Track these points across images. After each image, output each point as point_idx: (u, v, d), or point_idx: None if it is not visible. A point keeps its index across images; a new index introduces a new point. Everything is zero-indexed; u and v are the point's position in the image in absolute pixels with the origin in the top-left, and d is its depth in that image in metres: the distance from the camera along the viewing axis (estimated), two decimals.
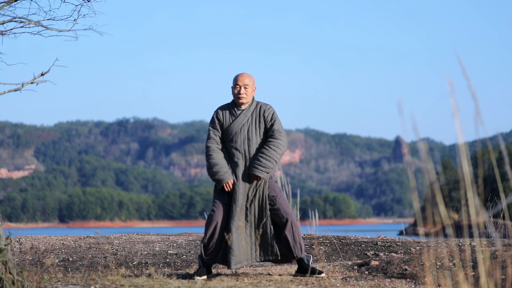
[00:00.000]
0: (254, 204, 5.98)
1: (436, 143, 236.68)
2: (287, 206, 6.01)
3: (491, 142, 5.06)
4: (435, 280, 5.55)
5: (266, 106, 6.11)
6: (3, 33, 5.48)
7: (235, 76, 6.17)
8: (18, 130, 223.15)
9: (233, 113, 6.11)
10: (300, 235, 6.02)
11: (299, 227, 6.05)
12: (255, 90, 6.18)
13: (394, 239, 9.08)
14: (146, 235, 10.05)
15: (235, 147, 6.02)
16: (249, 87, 6.10)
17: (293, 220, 5.97)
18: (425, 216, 3.61)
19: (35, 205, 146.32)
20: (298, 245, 5.97)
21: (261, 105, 6.13)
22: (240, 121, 6.06)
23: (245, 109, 6.11)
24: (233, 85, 6.14)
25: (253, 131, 6.04)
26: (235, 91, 6.12)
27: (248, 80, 6.10)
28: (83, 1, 5.74)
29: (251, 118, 6.07)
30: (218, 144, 6.09)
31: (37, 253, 8.41)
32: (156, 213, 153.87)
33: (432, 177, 3.19)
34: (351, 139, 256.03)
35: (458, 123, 3.20)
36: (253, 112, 6.09)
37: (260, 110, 6.09)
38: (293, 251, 5.96)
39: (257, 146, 6.03)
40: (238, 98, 6.10)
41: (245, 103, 6.11)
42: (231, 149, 6.05)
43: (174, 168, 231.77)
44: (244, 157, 6.01)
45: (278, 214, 5.97)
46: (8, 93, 5.45)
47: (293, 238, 5.96)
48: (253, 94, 6.16)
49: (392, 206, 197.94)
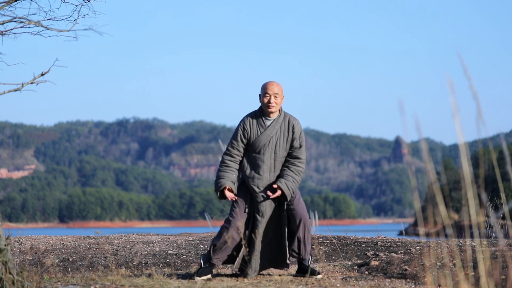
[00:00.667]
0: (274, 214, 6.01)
1: (436, 143, 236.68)
2: (303, 208, 6.01)
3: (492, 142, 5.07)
4: (435, 280, 5.54)
5: (295, 121, 6.08)
6: (3, 33, 5.48)
7: (264, 84, 6.08)
8: (18, 130, 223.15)
9: (261, 124, 6.05)
10: (310, 238, 6.03)
11: (310, 230, 6.06)
12: (283, 98, 6.11)
13: (394, 239, 9.08)
14: (146, 235, 10.04)
15: (262, 159, 5.99)
16: (279, 96, 6.03)
17: (306, 222, 5.97)
18: (426, 216, 3.60)
19: (35, 205, 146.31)
20: (306, 247, 5.99)
21: (289, 118, 6.08)
22: (269, 133, 6.01)
23: (273, 120, 6.06)
24: (262, 93, 6.05)
25: (280, 144, 6.02)
26: (265, 100, 6.03)
27: (277, 89, 6.03)
28: (83, 1, 5.74)
29: (279, 131, 6.03)
30: (233, 157, 6.05)
31: (37, 253, 8.41)
32: (156, 213, 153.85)
33: (432, 177, 3.19)
34: (351, 139, 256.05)
35: (458, 123, 3.20)
36: (282, 124, 6.05)
37: (289, 124, 6.06)
38: (300, 252, 5.98)
39: (281, 160, 6.02)
40: (268, 107, 6.02)
41: (274, 112, 6.04)
42: (257, 160, 6.01)
43: (174, 168, 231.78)
44: (269, 170, 5.98)
45: (294, 215, 5.97)
46: (8, 93, 5.45)
47: (303, 239, 5.97)
48: (282, 103, 6.10)
49: (392, 206, 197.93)
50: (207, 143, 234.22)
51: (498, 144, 65.45)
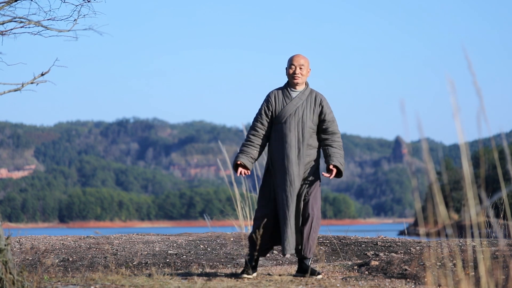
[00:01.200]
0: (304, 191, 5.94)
1: (436, 143, 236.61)
2: (317, 204, 5.94)
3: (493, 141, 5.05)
4: (435, 280, 5.54)
5: (322, 96, 6.09)
6: (3, 33, 5.48)
7: (290, 57, 6.12)
8: (18, 130, 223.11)
9: (287, 95, 6.05)
10: (316, 237, 5.96)
11: (318, 228, 5.97)
12: (310, 72, 6.13)
13: (394, 239, 9.07)
14: (146, 235, 10.04)
15: (288, 128, 5.95)
16: (304, 67, 6.05)
17: (314, 219, 5.90)
18: (426, 216, 3.60)
19: (35, 205, 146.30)
20: (309, 245, 5.91)
21: (316, 93, 6.09)
22: (295, 103, 6.00)
23: (300, 92, 6.06)
24: (288, 65, 6.08)
25: (307, 115, 5.98)
26: (290, 71, 6.06)
27: (303, 61, 6.07)
28: (83, 1, 5.74)
29: (306, 102, 6.02)
30: (258, 132, 6.04)
31: (37, 253, 8.41)
32: (156, 213, 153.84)
33: (432, 177, 3.19)
34: (351, 139, 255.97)
35: (458, 123, 3.19)
36: (308, 97, 6.05)
37: (316, 98, 6.05)
38: (303, 248, 5.91)
39: (309, 131, 5.96)
40: (293, 78, 6.04)
41: (300, 83, 6.06)
42: (284, 130, 5.96)
43: (174, 168, 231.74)
44: (297, 139, 5.94)
45: (305, 208, 5.93)
46: (8, 93, 5.45)
47: (308, 236, 5.90)
48: (308, 76, 6.12)
49: (392, 206, 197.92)
50: (207, 143, 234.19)
51: (498, 144, 65.34)
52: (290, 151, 5.92)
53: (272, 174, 6.01)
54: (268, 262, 7.75)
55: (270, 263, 7.71)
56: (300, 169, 5.91)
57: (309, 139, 5.97)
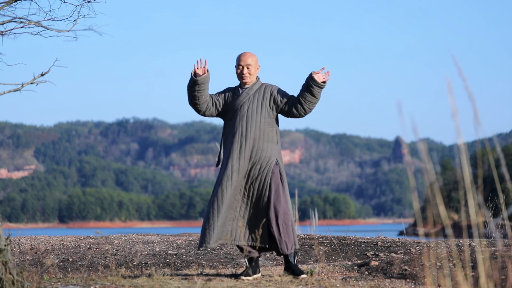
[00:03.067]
0: (254, 187, 5.91)
1: (435, 143, 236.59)
2: (278, 198, 5.87)
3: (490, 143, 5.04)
4: (435, 281, 5.55)
5: (272, 86, 6.08)
6: (3, 33, 5.49)
7: (238, 55, 6.13)
8: (18, 130, 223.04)
9: (236, 93, 6.08)
10: (290, 231, 5.88)
11: (289, 222, 5.89)
12: (259, 68, 6.14)
13: (394, 239, 9.08)
14: (146, 236, 10.05)
15: (233, 124, 5.98)
16: (252, 66, 6.06)
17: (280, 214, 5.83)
18: (425, 216, 3.61)
19: (35, 206, 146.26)
20: (284, 241, 5.85)
21: (266, 85, 6.09)
22: (242, 99, 6.01)
23: (248, 87, 6.08)
24: (236, 65, 6.11)
25: (254, 109, 5.97)
26: (238, 71, 6.09)
27: (250, 60, 6.07)
28: (83, 1, 5.74)
29: (253, 96, 6.02)
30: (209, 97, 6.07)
31: (37, 254, 8.41)
32: (156, 213, 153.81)
33: (432, 178, 3.20)
34: (351, 139, 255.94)
35: (457, 124, 3.20)
36: (256, 91, 6.05)
37: (265, 90, 6.05)
38: (280, 246, 5.86)
39: (257, 125, 5.95)
40: (242, 78, 6.08)
41: (248, 82, 6.08)
42: (230, 127, 6.01)
43: (174, 168, 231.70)
44: (240, 134, 5.93)
45: (268, 205, 5.87)
46: (8, 93, 5.45)
47: (279, 232, 5.84)
48: (257, 73, 6.13)
49: (392, 206, 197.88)
50: (207, 143, 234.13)
51: (494, 146, 65.39)
52: (232, 146, 5.94)
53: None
54: (268, 262, 7.75)
55: (270, 263, 7.72)
56: (241, 164, 5.89)
57: (258, 133, 5.94)
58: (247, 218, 5.93)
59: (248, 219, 5.93)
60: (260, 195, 5.91)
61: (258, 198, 5.92)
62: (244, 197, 5.94)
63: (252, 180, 5.93)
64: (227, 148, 5.99)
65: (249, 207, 5.93)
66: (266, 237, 5.91)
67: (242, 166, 5.91)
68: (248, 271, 5.94)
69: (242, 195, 5.94)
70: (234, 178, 5.89)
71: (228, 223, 5.89)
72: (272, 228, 5.86)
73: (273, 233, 5.87)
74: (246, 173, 5.93)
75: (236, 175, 5.89)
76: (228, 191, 5.87)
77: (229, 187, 5.87)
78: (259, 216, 5.92)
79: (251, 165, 5.93)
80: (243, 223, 5.91)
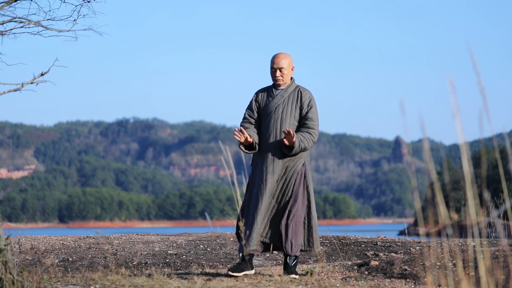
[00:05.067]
0: (279, 186, 5.98)
1: (436, 143, 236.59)
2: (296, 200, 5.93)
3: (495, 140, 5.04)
4: (435, 280, 5.54)
5: (305, 91, 6.11)
6: (3, 33, 5.48)
7: (272, 57, 6.15)
8: (18, 130, 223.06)
9: (270, 94, 6.13)
10: (300, 233, 5.94)
11: (300, 226, 5.96)
12: (293, 69, 6.16)
13: (394, 239, 9.08)
14: (146, 235, 10.04)
15: (267, 126, 6.04)
16: (285, 68, 6.08)
17: (292, 216, 5.90)
18: (426, 216, 3.60)
19: (35, 205, 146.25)
20: (289, 242, 5.91)
21: (300, 89, 6.12)
22: (276, 101, 6.07)
23: (282, 89, 6.12)
24: (270, 67, 6.15)
25: (288, 112, 6.04)
26: (271, 73, 6.14)
27: (283, 62, 6.08)
28: (83, 1, 5.74)
29: (288, 99, 6.07)
30: (251, 123, 6.14)
31: (37, 253, 8.41)
32: (156, 213, 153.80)
33: (433, 177, 3.19)
34: (351, 139, 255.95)
35: (458, 123, 3.19)
36: (291, 94, 6.10)
37: (298, 94, 6.09)
38: (284, 245, 5.92)
39: (290, 127, 6.01)
40: (275, 80, 6.12)
41: (282, 84, 6.12)
42: (264, 129, 6.06)
43: (174, 168, 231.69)
44: (275, 137, 6.01)
45: (286, 205, 5.96)
46: (8, 93, 5.45)
47: (287, 232, 5.89)
48: (291, 74, 6.16)
49: (392, 206, 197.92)
50: (207, 143, 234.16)
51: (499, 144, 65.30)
52: (266, 148, 6.01)
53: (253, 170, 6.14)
54: (268, 262, 7.75)
55: (270, 263, 7.71)
56: (275, 166, 5.96)
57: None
58: (269, 216, 5.98)
59: (269, 217, 5.98)
60: (283, 194, 6.00)
61: (281, 197, 6.00)
62: (272, 197, 6.01)
63: (278, 180, 6.00)
64: (261, 150, 6.06)
65: (272, 206, 6.00)
66: (276, 234, 5.96)
67: (277, 169, 5.99)
68: (239, 266, 5.96)
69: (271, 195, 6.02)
70: (269, 181, 5.96)
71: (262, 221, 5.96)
72: (281, 226, 5.91)
73: (281, 230, 5.91)
74: (279, 175, 6.00)
75: (270, 176, 5.97)
76: (263, 194, 5.94)
77: (264, 189, 5.95)
78: (277, 215, 6.00)
79: (282, 167, 6.00)
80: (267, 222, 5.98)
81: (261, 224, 5.92)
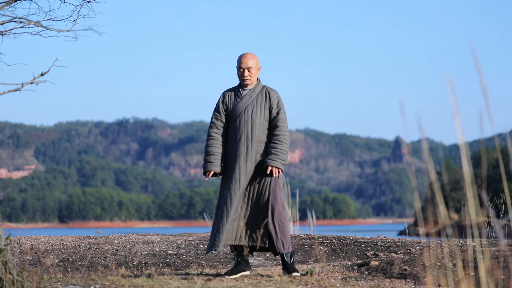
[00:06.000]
0: (254, 187, 5.99)
1: (436, 143, 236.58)
2: (275, 198, 5.96)
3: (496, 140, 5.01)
4: (435, 280, 5.54)
5: (272, 92, 6.12)
6: (3, 33, 5.48)
7: (239, 56, 6.16)
8: (18, 130, 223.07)
9: (238, 95, 6.13)
10: (286, 230, 5.97)
11: (285, 221, 5.98)
12: (260, 69, 6.17)
13: (394, 239, 9.08)
14: (146, 235, 10.04)
15: (238, 127, 6.04)
16: (253, 68, 6.10)
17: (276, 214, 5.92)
18: (426, 216, 3.61)
19: (35, 205, 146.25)
20: (280, 240, 5.92)
21: (267, 89, 6.14)
22: (245, 102, 6.07)
23: (250, 90, 6.12)
24: (237, 66, 6.15)
25: (257, 112, 6.04)
26: (239, 73, 6.14)
27: (251, 62, 6.10)
28: (83, 1, 5.74)
29: (256, 99, 6.08)
30: (218, 129, 6.14)
31: (37, 254, 8.41)
32: (156, 213, 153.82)
33: (433, 177, 3.19)
34: (351, 139, 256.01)
35: (458, 123, 3.19)
36: (259, 94, 6.11)
37: (266, 94, 6.10)
38: (276, 245, 5.93)
39: (260, 127, 6.03)
40: (243, 80, 6.12)
41: (249, 84, 6.13)
42: (234, 129, 6.06)
43: (174, 168, 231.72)
44: (246, 137, 6.00)
45: (266, 205, 5.96)
46: (8, 93, 5.45)
47: (275, 231, 5.91)
48: (258, 74, 6.17)
49: (392, 206, 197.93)
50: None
51: (500, 143, 65.25)
52: (238, 149, 6.01)
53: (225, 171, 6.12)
54: (268, 262, 7.75)
55: (270, 263, 7.71)
56: (248, 166, 5.98)
57: (260, 135, 6.04)
58: (247, 218, 5.97)
59: (247, 219, 5.97)
60: (259, 194, 6.00)
61: (258, 198, 6.00)
62: (245, 197, 5.99)
63: (252, 180, 6.00)
64: (232, 151, 6.05)
65: (249, 206, 6.00)
66: (266, 237, 5.95)
67: (249, 169, 5.99)
68: (235, 269, 5.98)
69: (243, 195, 5.99)
70: (242, 181, 5.97)
71: (231, 224, 5.92)
72: (269, 227, 5.92)
73: (270, 231, 5.91)
74: (252, 175, 5.99)
75: (244, 177, 5.97)
76: (237, 194, 5.95)
77: (237, 190, 5.95)
78: (258, 216, 5.99)
79: (256, 166, 6.00)
80: (243, 222, 5.95)
81: (231, 226, 5.92)
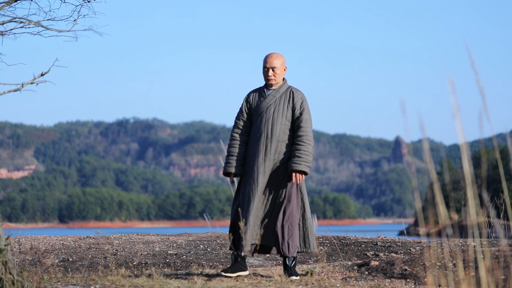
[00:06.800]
0: (271, 187, 5.96)
1: (436, 143, 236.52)
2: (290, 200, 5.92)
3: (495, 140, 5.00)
4: (435, 280, 5.54)
5: (297, 92, 6.10)
6: (3, 33, 5.48)
7: (265, 56, 6.15)
8: (18, 130, 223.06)
9: (262, 94, 6.13)
10: (296, 234, 5.93)
11: (296, 225, 5.94)
12: (286, 69, 6.15)
13: (394, 239, 9.08)
14: (146, 236, 10.04)
15: (259, 126, 6.02)
16: (277, 68, 6.08)
17: (286, 216, 5.89)
18: (426, 216, 3.60)
19: (35, 206, 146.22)
20: (286, 243, 5.89)
21: (292, 89, 6.11)
22: (268, 101, 6.06)
23: (274, 90, 6.11)
24: (262, 66, 6.14)
25: (279, 112, 6.02)
26: (264, 72, 6.13)
27: (276, 62, 6.08)
28: (83, 1, 5.74)
29: (279, 99, 6.06)
30: (239, 129, 6.13)
31: (37, 254, 8.41)
32: (156, 213, 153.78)
33: (433, 177, 3.18)
34: (351, 139, 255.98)
35: (458, 123, 3.19)
36: (283, 94, 6.09)
37: (290, 94, 6.08)
38: (281, 247, 5.90)
39: (281, 127, 6.00)
40: (267, 79, 6.11)
41: (274, 84, 6.11)
42: (255, 128, 6.05)
43: (174, 168, 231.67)
44: (266, 136, 5.98)
45: (280, 206, 5.94)
46: (8, 93, 5.45)
47: (283, 234, 5.88)
48: (283, 74, 6.15)
49: (392, 206, 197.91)
50: (207, 143, 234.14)
51: (498, 144, 65.26)
52: (258, 148, 5.99)
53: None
54: (268, 262, 7.74)
55: (270, 263, 7.71)
56: (266, 166, 5.95)
57: (281, 135, 6.00)
58: (261, 218, 5.96)
59: (262, 219, 5.96)
60: (276, 195, 5.98)
61: (274, 198, 5.98)
62: (264, 197, 5.99)
63: (271, 179, 5.99)
64: (252, 150, 6.04)
65: (265, 206, 5.98)
66: (272, 236, 5.94)
67: (268, 168, 5.97)
68: (233, 267, 5.96)
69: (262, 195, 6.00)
70: (260, 180, 5.94)
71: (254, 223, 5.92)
72: (277, 228, 5.90)
73: (277, 232, 5.89)
74: (271, 175, 5.99)
75: (262, 176, 5.95)
76: (255, 194, 5.92)
77: (255, 189, 5.93)
78: (272, 216, 5.98)
79: (273, 166, 5.99)
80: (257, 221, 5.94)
81: (253, 225, 5.90)
